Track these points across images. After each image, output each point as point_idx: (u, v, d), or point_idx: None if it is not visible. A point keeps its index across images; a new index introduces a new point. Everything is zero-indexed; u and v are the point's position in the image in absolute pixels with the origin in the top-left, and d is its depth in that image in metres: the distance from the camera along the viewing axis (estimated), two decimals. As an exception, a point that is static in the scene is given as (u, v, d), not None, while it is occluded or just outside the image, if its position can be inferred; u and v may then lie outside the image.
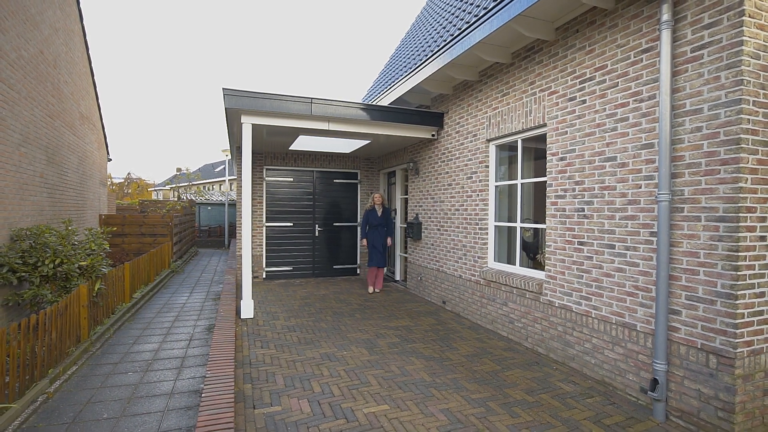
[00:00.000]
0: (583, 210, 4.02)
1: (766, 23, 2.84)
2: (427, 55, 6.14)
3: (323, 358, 4.38)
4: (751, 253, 2.84)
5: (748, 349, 2.84)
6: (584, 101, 4.00)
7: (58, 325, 3.93)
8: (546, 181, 4.49)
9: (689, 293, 3.07)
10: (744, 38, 2.78)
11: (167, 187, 60.73)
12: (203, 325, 5.92)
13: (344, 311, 6.35)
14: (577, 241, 4.08)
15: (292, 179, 9.13)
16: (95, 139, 9.98)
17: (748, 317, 2.84)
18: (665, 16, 3.15)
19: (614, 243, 3.69)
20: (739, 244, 2.80)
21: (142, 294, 7.35)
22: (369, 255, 7.64)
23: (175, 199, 31.69)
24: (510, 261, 5.34)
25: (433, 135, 6.82)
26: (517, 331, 4.93)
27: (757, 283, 2.86)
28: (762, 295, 2.89)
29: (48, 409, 3.39)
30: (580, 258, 4.06)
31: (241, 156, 8.74)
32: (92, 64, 9.31)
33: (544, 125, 4.53)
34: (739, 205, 2.79)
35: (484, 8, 4.81)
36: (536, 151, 5.01)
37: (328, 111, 6.02)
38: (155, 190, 57.17)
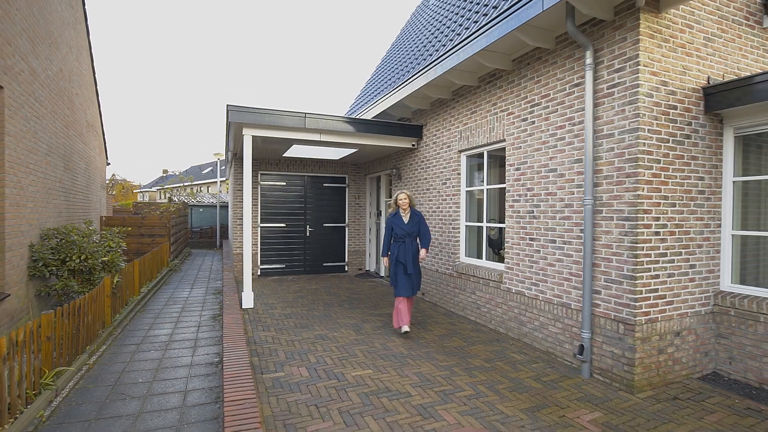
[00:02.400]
0: (533, 212, 4.88)
1: (656, 71, 3.73)
2: (407, 76, 6.98)
3: (317, 338, 5.15)
4: (647, 245, 3.72)
5: (645, 318, 3.72)
6: (533, 122, 4.86)
7: (92, 310, 4.64)
8: (505, 188, 5.35)
9: (606, 277, 3.95)
10: (640, 81, 3.66)
11: (154, 188, 60.61)
12: (208, 315, 6.64)
13: (334, 302, 7.13)
14: (529, 238, 4.94)
15: (284, 183, 9.88)
16: (97, 144, 10.59)
17: (645, 294, 3.71)
18: (588, 60, 4.02)
19: (555, 239, 4.56)
20: (639, 237, 3.68)
21: (148, 289, 8.01)
22: (392, 277, 5.44)
23: (166, 201, 32.03)
24: (478, 255, 6.19)
25: (413, 145, 7.65)
26: (482, 315, 5.77)
27: (653, 267, 3.75)
28: (656, 276, 3.77)
29: (91, 376, 4.10)
30: (531, 251, 4.92)
31: (237, 162, 9.48)
32: (96, 75, 9.93)
33: (504, 140, 5.39)
34: (638, 208, 3.67)
35: (453, 41, 5.66)
36: (499, 161, 5.87)
37: (319, 124, 6.81)
38: (141, 192, 56.99)
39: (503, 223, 5.52)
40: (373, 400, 3.52)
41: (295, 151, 8.33)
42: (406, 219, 5.36)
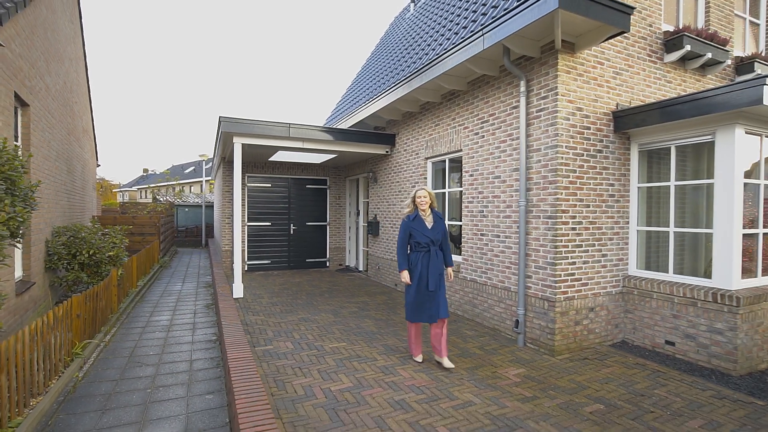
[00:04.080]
0: (483, 211, 5.81)
1: (573, 99, 4.69)
2: (380, 91, 7.84)
3: (300, 321, 5.98)
4: (565, 238, 4.67)
5: (564, 296, 4.67)
6: (483, 136, 5.79)
7: (105, 296, 5.37)
8: (462, 191, 6.27)
9: (535, 264, 4.89)
10: (559, 108, 4.60)
11: (134, 188, 60.12)
12: (202, 304, 7.39)
13: (315, 293, 7.96)
14: (480, 233, 5.87)
15: (270, 185, 10.64)
16: (90, 147, 11.15)
17: (563, 277, 4.66)
18: (522, 88, 4.95)
19: (500, 234, 5.49)
20: (558, 232, 4.62)
21: (144, 283, 8.70)
22: (408, 296, 4.32)
23: (150, 200, 32.21)
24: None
25: (387, 151, 8.53)
26: (444, 301, 6.68)
27: (570, 256, 4.70)
28: (573, 263, 4.72)
29: (109, 350, 4.86)
30: (481, 245, 5.84)
31: (226, 165, 10.20)
32: (89, 82, 10.50)
33: (461, 150, 6.30)
34: (557, 208, 4.62)
35: (422, 60, 6.55)
36: (458, 168, 6.78)
37: (302, 133, 7.63)
38: (120, 191, 56.51)
39: (461, 221, 6.43)
40: (345, 363, 4.37)
41: (280, 156, 9.11)
42: (428, 223, 4.34)
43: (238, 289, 7.32)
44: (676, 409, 3.40)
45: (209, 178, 30.70)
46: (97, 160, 12.93)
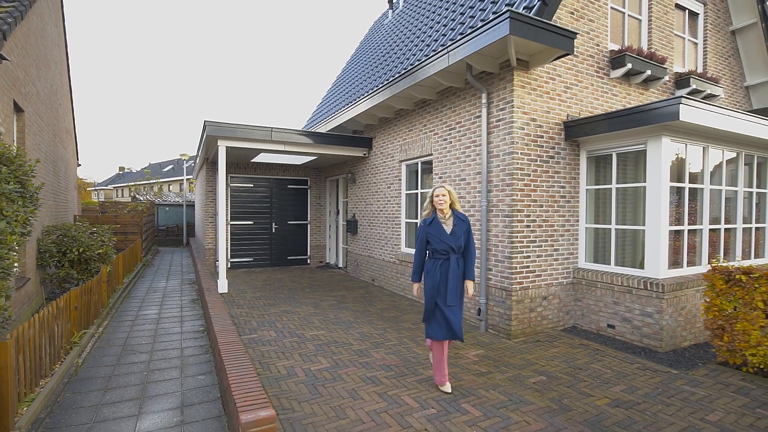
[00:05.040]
0: (451, 211, 6.35)
1: (527, 111, 5.27)
2: (359, 96, 8.32)
3: (282, 313, 6.42)
4: (521, 234, 5.25)
5: (519, 286, 5.25)
6: (451, 142, 6.34)
7: (98, 291, 5.71)
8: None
9: (495, 258, 5.46)
10: (515, 118, 5.18)
11: (110, 186, 58.95)
12: (188, 299, 7.74)
13: (296, 288, 8.40)
14: (448, 231, 6.41)
15: (252, 185, 11.00)
16: (71, 147, 11.28)
17: (519, 269, 5.25)
18: (484, 100, 5.51)
19: (465, 231, 6.04)
20: (514, 229, 5.20)
21: (129, 280, 8.97)
22: (427, 309, 3.77)
23: (129, 199, 31.89)
24: (414, 246, 7.63)
25: (364, 154, 9.02)
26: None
27: (525, 250, 5.29)
28: (528, 257, 5.31)
29: (103, 340, 5.21)
30: (449, 241, 6.38)
31: (210, 166, 10.52)
32: (71, 83, 10.65)
33: (431, 154, 6.84)
34: (513, 208, 5.20)
35: (398, 68, 7.05)
36: (429, 170, 7.32)
37: (284, 137, 8.05)
38: (95, 190, 55.35)
39: (432, 219, 6.96)
40: (324, 347, 4.86)
41: (262, 158, 9.49)
42: (448, 227, 3.68)
43: (222, 285, 7.69)
44: (605, 378, 4.01)
45: (190, 177, 30.59)
46: (78, 160, 13.02)
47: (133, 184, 46.18)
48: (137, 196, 21.38)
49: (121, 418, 3.38)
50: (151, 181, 30.51)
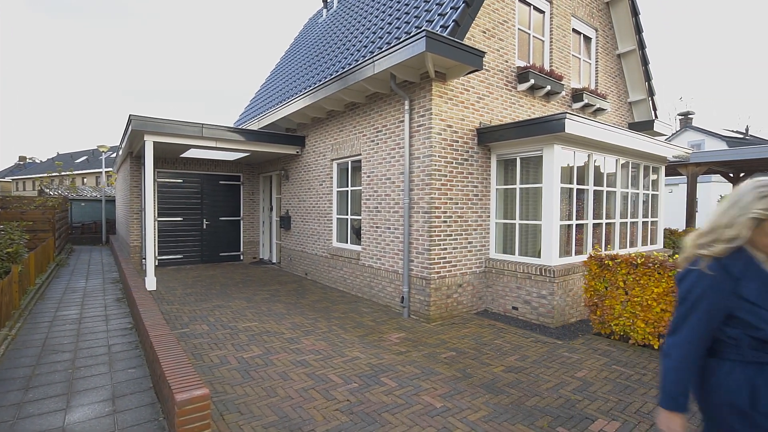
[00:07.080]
0: (377, 207, 6.84)
1: (444, 118, 5.87)
2: (292, 95, 8.52)
3: (215, 307, 6.52)
4: (438, 229, 5.86)
5: (437, 275, 5.86)
6: (378, 144, 6.81)
7: (9, 292, 5.45)
8: (361, 189, 7.25)
9: (416, 250, 6.02)
10: (433, 125, 5.76)
11: (8, 178, 52.65)
12: (111, 298, 7.50)
13: (229, 283, 8.45)
14: (375, 226, 6.90)
15: (181, 180, 10.73)
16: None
17: (436, 260, 5.85)
18: (406, 107, 6.04)
19: (390, 226, 6.56)
20: (432, 224, 5.79)
21: (42, 281, 8.43)
22: None
23: (35, 193, 28.78)
24: (345, 241, 8.04)
25: (297, 152, 9.24)
26: (347, 285, 7.64)
27: (442, 243, 5.90)
28: (445, 249, 5.94)
29: (17, 342, 5.02)
30: (376, 236, 6.87)
31: (134, 161, 10.11)
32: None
33: (360, 154, 7.27)
34: (431, 205, 5.78)
35: (329, 69, 7.37)
36: (358, 169, 7.75)
37: (215, 134, 8.04)
38: (-12, 182, 49.21)
39: (361, 215, 7.42)
40: (256, 337, 5.11)
41: (192, 153, 9.34)
42: None
43: (150, 282, 7.56)
44: (504, 351, 4.71)
45: (110, 169, 28.42)
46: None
47: (39, 176, 41.71)
48: (46, 189, 19.50)
49: (48, 413, 3.43)
50: (64, 173, 27.76)
